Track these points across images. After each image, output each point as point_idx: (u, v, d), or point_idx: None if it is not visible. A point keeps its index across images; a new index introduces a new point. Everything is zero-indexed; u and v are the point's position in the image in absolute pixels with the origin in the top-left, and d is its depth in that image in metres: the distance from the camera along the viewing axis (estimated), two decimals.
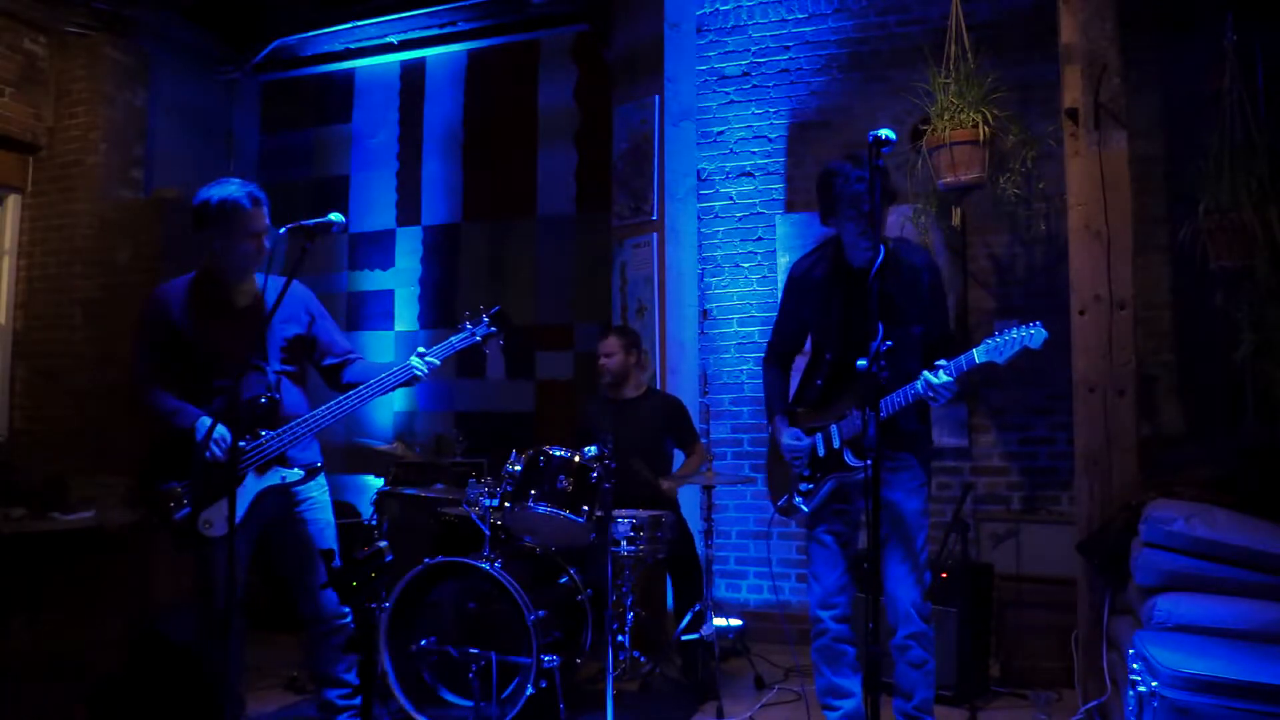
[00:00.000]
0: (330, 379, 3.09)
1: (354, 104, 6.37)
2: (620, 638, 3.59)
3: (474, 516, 3.53)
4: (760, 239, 5.10)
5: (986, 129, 3.83)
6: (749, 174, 5.15)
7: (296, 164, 6.41)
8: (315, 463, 3.00)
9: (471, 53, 6.08)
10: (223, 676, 2.79)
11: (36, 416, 5.43)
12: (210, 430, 2.72)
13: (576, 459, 3.47)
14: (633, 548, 3.64)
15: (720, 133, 5.21)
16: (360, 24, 5.96)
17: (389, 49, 6.19)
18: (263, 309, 2.93)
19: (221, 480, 2.72)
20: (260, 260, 2.93)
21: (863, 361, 2.26)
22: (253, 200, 2.88)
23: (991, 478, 4.58)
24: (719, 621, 3.95)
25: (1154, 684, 2.32)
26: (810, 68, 5.06)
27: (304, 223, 2.81)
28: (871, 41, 4.95)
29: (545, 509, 3.40)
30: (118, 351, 5.22)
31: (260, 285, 3.00)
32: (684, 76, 5.09)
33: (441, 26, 6.01)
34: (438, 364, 2.97)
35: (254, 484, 2.82)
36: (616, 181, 5.27)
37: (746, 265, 5.11)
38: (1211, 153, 3.64)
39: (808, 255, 3.10)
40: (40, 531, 4.44)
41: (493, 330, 3.07)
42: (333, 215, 2.78)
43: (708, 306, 5.15)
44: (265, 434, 2.83)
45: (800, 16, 5.10)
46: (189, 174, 6.02)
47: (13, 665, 4.10)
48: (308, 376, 3.12)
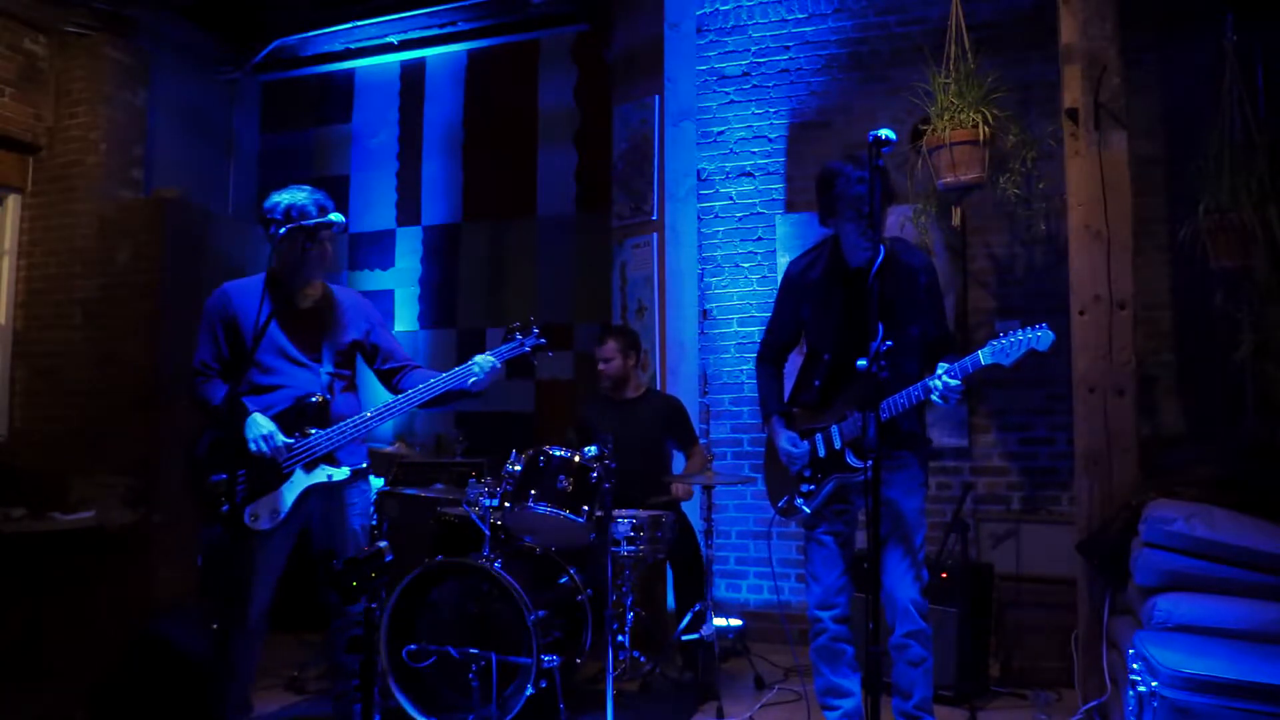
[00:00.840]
0: (389, 385, 3.17)
1: (354, 104, 6.37)
2: (620, 638, 3.58)
3: (474, 516, 3.53)
4: (760, 239, 5.10)
5: (986, 129, 3.83)
6: (749, 174, 5.15)
7: (296, 164, 6.40)
8: (361, 464, 3.07)
9: (471, 53, 6.08)
10: (232, 674, 2.82)
11: (36, 416, 5.43)
12: (243, 424, 2.80)
13: (576, 459, 3.48)
14: (633, 548, 3.64)
15: (720, 133, 5.21)
16: (360, 24, 5.96)
17: (389, 49, 6.19)
18: (325, 313, 3.05)
19: (270, 475, 2.83)
20: (324, 265, 3.03)
21: (863, 361, 2.27)
22: (319, 208, 2.95)
23: (991, 478, 4.58)
24: (719, 621, 3.95)
25: (1154, 684, 2.32)
26: (810, 68, 5.06)
27: (304, 223, 2.83)
28: (871, 41, 4.95)
29: (545, 509, 3.40)
30: (118, 351, 5.23)
31: (326, 291, 3.10)
32: (684, 76, 5.09)
33: (441, 26, 6.01)
34: (498, 365, 3.04)
35: (301, 480, 2.87)
36: (616, 181, 5.27)
37: (746, 265, 5.11)
38: (1211, 153, 3.64)
39: (804, 255, 3.11)
40: (40, 531, 4.45)
41: (542, 342, 3.15)
42: (333, 215, 2.80)
43: (708, 306, 5.15)
44: (315, 432, 2.89)
45: (800, 16, 5.10)
46: (189, 174, 6.03)
47: (13, 665, 4.10)
48: (364, 385, 3.19)
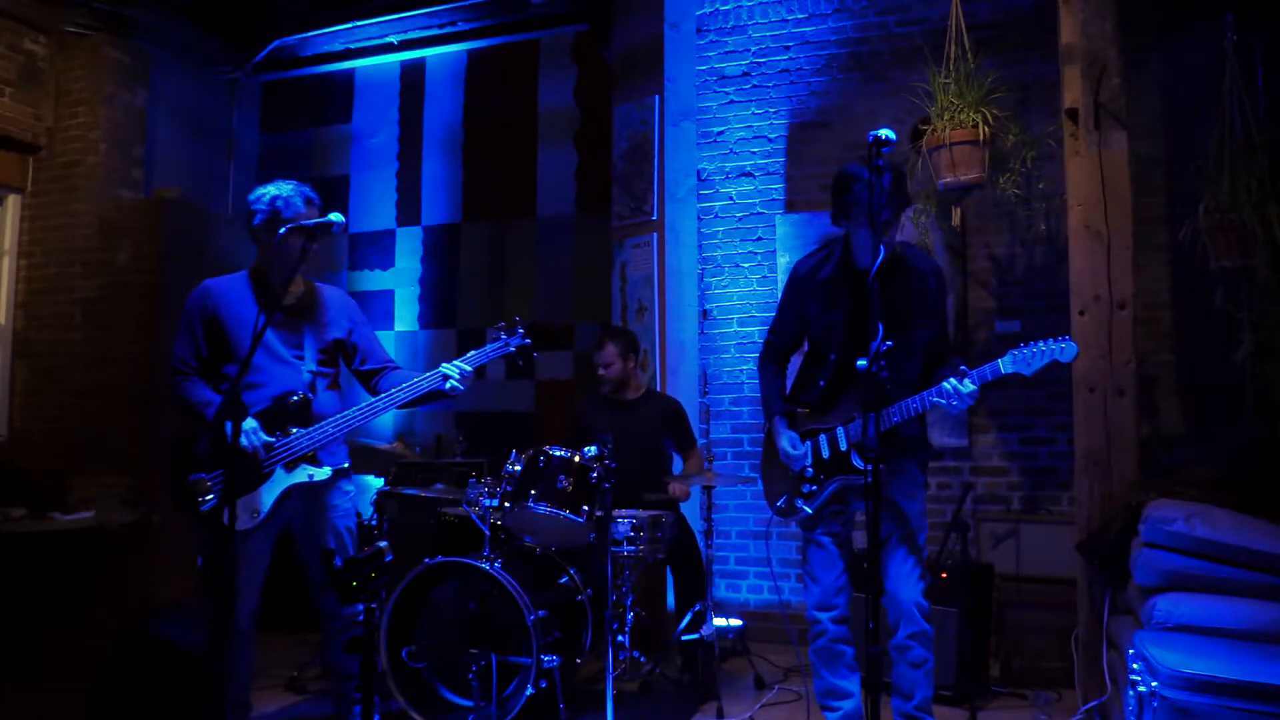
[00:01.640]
0: (368, 385, 3.14)
1: (354, 104, 6.37)
2: (620, 638, 3.58)
3: (474, 516, 3.53)
4: (760, 239, 5.10)
5: (986, 129, 3.82)
6: (749, 174, 5.15)
7: (296, 164, 6.39)
8: (343, 464, 3.04)
9: (471, 53, 6.08)
10: (228, 675, 2.80)
11: (36, 416, 5.43)
12: (238, 423, 2.72)
13: (576, 459, 3.47)
14: (633, 548, 3.64)
15: (720, 133, 5.21)
16: (360, 24, 5.96)
17: (389, 49, 6.19)
18: (307, 309, 3.01)
19: (251, 474, 2.79)
20: (308, 259, 2.96)
21: (863, 361, 2.27)
22: (305, 200, 2.93)
23: (991, 478, 4.58)
24: (719, 621, 3.95)
25: (1154, 684, 2.32)
26: (810, 68, 5.06)
27: (304, 223, 2.83)
28: (871, 41, 4.95)
29: (545, 509, 3.40)
30: (117, 351, 5.23)
31: (309, 287, 3.07)
32: (684, 76, 5.08)
33: (441, 26, 6.01)
34: (470, 371, 2.99)
35: (282, 480, 2.85)
36: (616, 181, 5.27)
37: (746, 265, 5.11)
38: (1211, 153, 3.64)
39: (813, 254, 3.09)
40: (40, 531, 4.44)
41: (527, 342, 3.11)
42: (333, 215, 2.80)
43: (708, 306, 5.15)
44: (296, 431, 2.86)
45: (800, 16, 5.10)
46: (189, 174, 6.03)
47: (13, 665, 4.10)
48: (346, 384, 3.17)
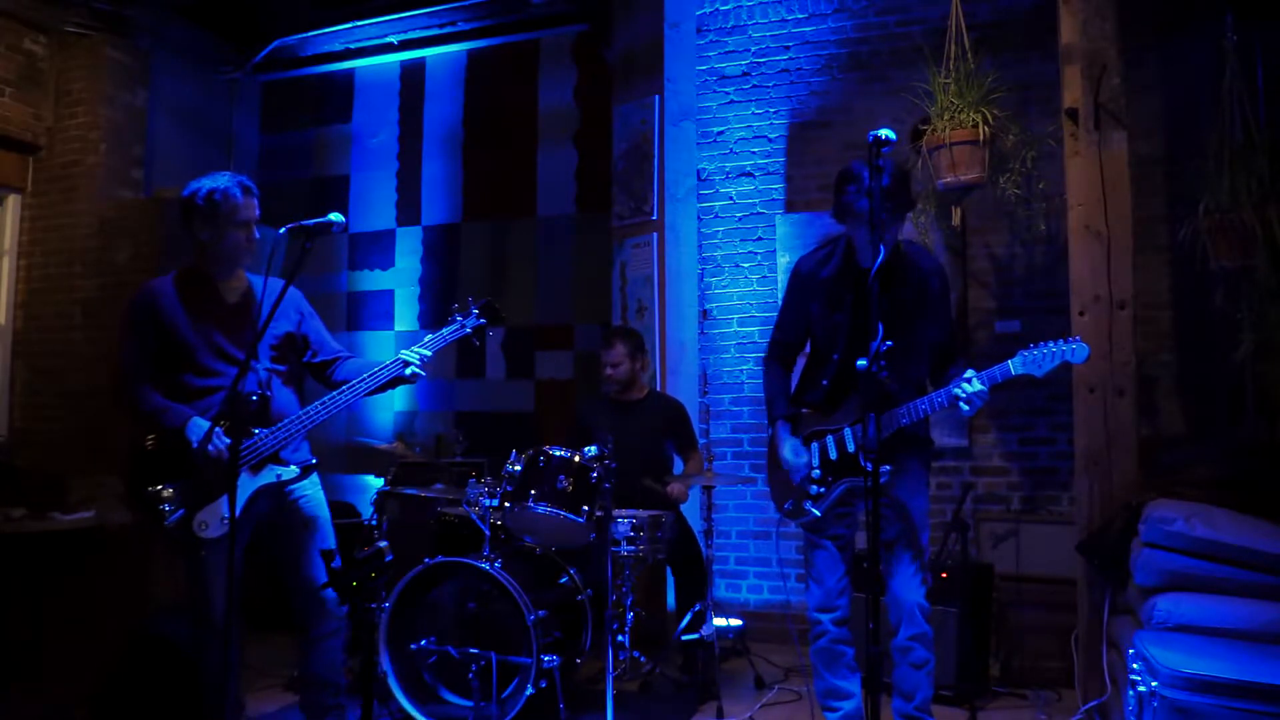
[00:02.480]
0: (321, 378, 3.05)
1: (354, 104, 6.36)
2: (620, 638, 3.58)
3: (474, 516, 3.53)
4: (760, 239, 5.10)
5: (986, 129, 3.83)
6: (749, 174, 5.15)
7: (296, 164, 6.40)
8: (309, 460, 2.97)
9: (471, 53, 6.07)
10: (220, 681, 2.77)
11: (36, 416, 5.43)
12: (210, 429, 2.68)
13: (576, 459, 3.47)
14: (633, 548, 3.64)
15: (720, 133, 5.21)
16: (360, 24, 5.95)
17: (389, 49, 6.19)
18: (253, 306, 2.89)
19: (216, 481, 2.67)
20: (250, 253, 2.89)
21: (863, 361, 2.26)
22: (243, 190, 2.85)
23: (991, 478, 4.57)
24: (719, 621, 3.95)
25: (1154, 684, 2.32)
26: (810, 68, 5.06)
27: (304, 223, 2.80)
28: (871, 41, 4.95)
29: (545, 509, 3.40)
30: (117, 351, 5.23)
31: (250, 282, 2.97)
32: (684, 76, 5.08)
33: (441, 26, 6.01)
34: (430, 356, 2.90)
35: (248, 483, 2.76)
36: (616, 181, 5.26)
37: (746, 265, 5.11)
38: (1211, 153, 3.63)
39: (816, 252, 3.07)
40: (40, 531, 4.43)
41: (482, 322, 3.00)
42: (333, 215, 2.78)
43: (708, 306, 5.15)
44: (258, 432, 2.78)
45: (800, 16, 5.10)
46: (189, 174, 5.88)
47: (13, 665, 4.10)
48: (300, 378, 3.07)
